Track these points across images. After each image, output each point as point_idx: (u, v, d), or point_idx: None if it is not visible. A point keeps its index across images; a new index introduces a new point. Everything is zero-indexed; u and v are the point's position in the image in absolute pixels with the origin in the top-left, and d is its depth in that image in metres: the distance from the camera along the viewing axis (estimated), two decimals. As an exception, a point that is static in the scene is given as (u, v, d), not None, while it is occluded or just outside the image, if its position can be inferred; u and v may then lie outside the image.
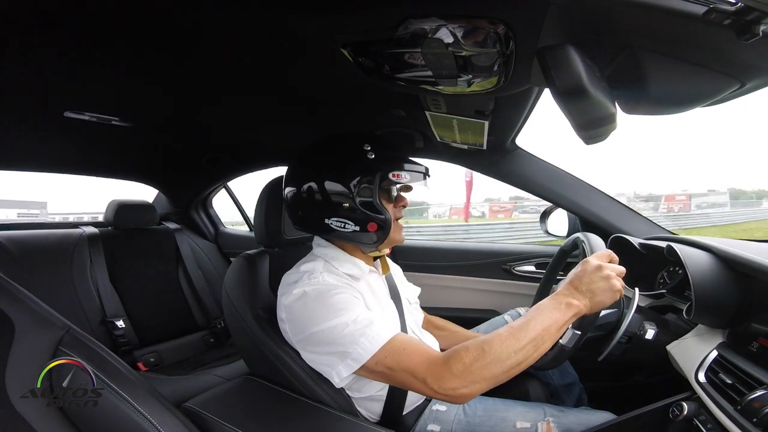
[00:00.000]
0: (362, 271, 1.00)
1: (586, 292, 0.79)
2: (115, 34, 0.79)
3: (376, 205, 0.92)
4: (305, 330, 0.86)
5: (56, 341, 0.71)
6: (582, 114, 0.64)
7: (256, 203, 1.22)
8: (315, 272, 0.93)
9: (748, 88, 0.67)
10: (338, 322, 0.82)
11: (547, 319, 0.76)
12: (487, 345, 0.73)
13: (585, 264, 0.82)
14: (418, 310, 1.24)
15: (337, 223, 0.94)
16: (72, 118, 1.23)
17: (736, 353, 0.82)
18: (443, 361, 0.74)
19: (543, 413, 0.96)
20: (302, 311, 0.87)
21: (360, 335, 0.79)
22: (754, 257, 0.83)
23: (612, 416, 0.95)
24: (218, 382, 1.61)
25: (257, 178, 2.31)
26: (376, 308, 0.96)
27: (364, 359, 0.78)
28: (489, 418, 0.97)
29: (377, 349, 0.78)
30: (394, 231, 0.97)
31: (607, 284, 0.78)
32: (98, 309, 1.84)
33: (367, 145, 0.93)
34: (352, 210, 0.92)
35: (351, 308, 0.84)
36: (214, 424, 0.93)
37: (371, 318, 0.83)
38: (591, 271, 0.80)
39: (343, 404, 0.99)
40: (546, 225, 1.62)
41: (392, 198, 1.00)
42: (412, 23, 0.66)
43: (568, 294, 0.79)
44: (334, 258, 0.99)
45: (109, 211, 2.09)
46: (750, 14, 0.46)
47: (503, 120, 1.18)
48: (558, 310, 0.77)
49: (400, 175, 0.92)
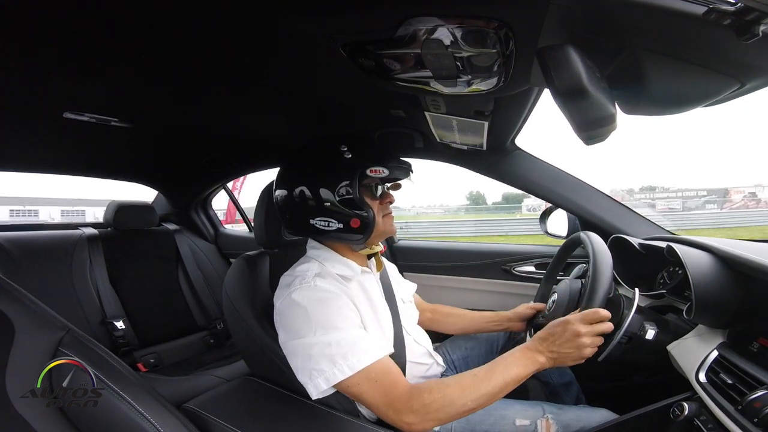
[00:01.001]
0: (354, 272, 1.02)
1: (554, 351, 0.85)
2: (114, 35, 0.79)
3: (357, 202, 0.95)
4: (291, 339, 0.89)
5: (56, 342, 0.71)
6: (582, 114, 0.64)
7: (256, 204, 1.23)
8: (308, 275, 0.95)
9: (748, 88, 0.67)
10: (321, 340, 0.84)
11: (509, 374, 0.83)
12: (448, 390, 0.80)
13: (566, 324, 0.85)
14: (413, 308, 1.25)
15: (322, 223, 0.98)
16: (71, 119, 1.23)
17: (736, 353, 0.82)
18: (407, 397, 0.80)
19: (542, 411, 0.97)
20: (291, 320, 0.89)
21: (341, 357, 0.82)
22: (754, 257, 0.83)
23: (610, 413, 0.96)
24: (218, 382, 1.61)
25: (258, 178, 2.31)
26: (368, 311, 0.98)
27: (338, 380, 0.82)
28: (488, 416, 0.97)
29: (353, 374, 0.81)
30: (384, 224, 1.01)
31: (577, 352, 0.84)
32: (98, 310, 1.84)
33: (344, 146, 0.96)
34: (334, 209, 0.96)
35: (337, 327, 0.86)
36: (214, 425, 0.93)
37: (354, 340, 0.85)
38: (568, 337, 0.84)
39: (344, 403, 0.99)
40: (546, 225, 1.62)
41: (376, 194, 1.02)
42: (411, 23, 0.66)
43: (537, 351, 0.85)
44: (326, 259, 1.02)
45: (109, 212, 2.09)
46: (750, 14, 0.46)
47: (503, 120, 1.18)
48: (523, 367, 0.84)
49: (377, 170, 0.94)
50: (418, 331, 1.18)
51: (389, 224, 1.03)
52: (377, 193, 1.03)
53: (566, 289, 1.06)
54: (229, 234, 2.63)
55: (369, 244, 1.05)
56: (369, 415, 1.01)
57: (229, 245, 2.59)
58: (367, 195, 1.00)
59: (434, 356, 1.17)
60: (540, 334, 0.87)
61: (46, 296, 0.89)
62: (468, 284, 1.79)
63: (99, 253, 1.95)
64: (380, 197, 1.03)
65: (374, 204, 1.00)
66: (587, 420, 0.93)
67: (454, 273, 1.80)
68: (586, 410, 0.98)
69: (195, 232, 2.54)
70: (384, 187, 1.06)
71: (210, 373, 1.70)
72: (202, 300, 2.24)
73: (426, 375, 1.10)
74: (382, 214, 1.02)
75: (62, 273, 1.81)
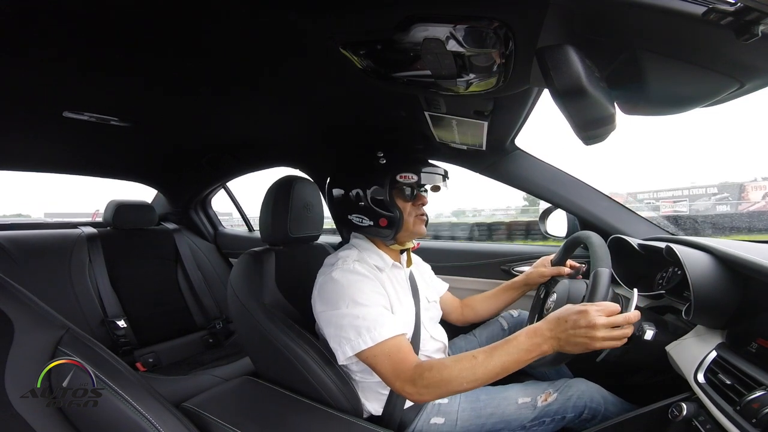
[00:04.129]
0: (386, 264, 1.14)
1: (563, 337, 0.82)
2: (113, 33, 0.79)
3: (386, 204, 1.08)
4: (327, 310, 1.01)
5: (56, 341, 0.71)
6: (581, 114, 0.64)
7: (261, 202, 1.24)
8: (348, 259, 1.07)
9: (747, 88, 0.66)
10: (351, 312, 0.97)
11: (509, 359, 0.83)
12: (446, 371, 0.86)
13: (584, 314, 0.81)
14: (437, 308, 1.32)
15: (357, 219, 1.14)
16: (71, 118, 1.23)
17: (735, 354, 0.82)
18: (411, 372, 0.90)
19: (542, 388, 1.06)
20: (329, 294, 1.02)
21: (365, 330, 0.94)
22: (753, 258, 0.83)
23: (603, 390, 1.05)
24: (217, 382, 1.61)
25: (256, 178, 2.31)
26: (395, 300, 1.09)
27: (361, 349, 0.94)
28: (492, 399, 1.05)
29: (373, 344, 0.93)
30: (414, 225, 1.13)
31: (587, 343, 0.80)
32: (97, 309, 1.84)
33: (380, 152, 1.10)
34: (367, 208, 1.11)
35: (366, 304, 0.98)
36: (213, 424, 0.94)
37: (376, 317, 0.96)
38: (583, 325, 0.80)
39: (347, 393, 1.04)
40: (545, 226, 1.62)
41: (407, 197, 1.12)
42: (411, 23, 0.66)
43: (543, 337, 0.83)
44: (364, 249, 1.15)
45: (108, 212, 2.09)
46: (749, 14, 0.46)
47: (502, 121, 1.18)
48: (525, 352, 0.83)
49: (407, 176, 1.08)
50: (436, 329, 1.25)
51: (418, 225, 1.14)
52: (410, 196, 1.13)
53: (566, 289, 1.06)
54: (228, 234, 2.63)
55: (399, 241, 1.17)
56: (371, 407, 1.08)
57: (228, 245, 2.59)
58: (399, 197, 1.12)
59: (447, 354, 1.25)
60: (555, 314, 0.85)
61: (45, 295, 0.89)
62: (467, 284, 1.79)
63: (98, 253, 1.95)
64: (413, 199, 1.14)
65: (406, 206, 1.12)
66: (586, 391, 1.02)
67: (454, 273, 1.80)
68: (583, 382, 1.07)
69: (194, 232, 2.54)
70: (417, 190, 1.15)
71: (209, 372, 1.71)
72: (202, 300, 2.24)
73: None
74: (413, 216, 1.13)
75: (61, 272, 1.81)
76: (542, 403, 1.02)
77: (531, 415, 1.01)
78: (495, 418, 1.02)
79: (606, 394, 1.04)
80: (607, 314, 0.81)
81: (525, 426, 1.01)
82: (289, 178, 1.29)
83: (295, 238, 1.27)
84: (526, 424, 1.00)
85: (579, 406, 1.01)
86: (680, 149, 43.40)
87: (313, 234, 1.39)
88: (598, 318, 0.80)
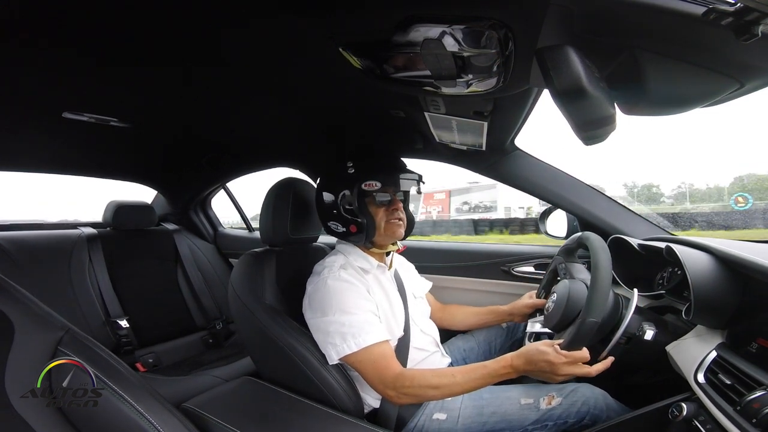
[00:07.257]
0: (371, 266, 1.18)
1: (529, 372, 0.96)
2: (113, 35, 0.79)
3: (356, 211, 1.13)
4: (315, 317, 1.07)
5: (56, 341, 0.71)
6: (581, 115, 0.64)
7: (262, 204, 1.25)
8: (334, 267, 1.12)
9: (747, 88, 0.67)
10: (338, 320, 1.03)
11: (483, 381, 0.98)
12: (425, 384, 0.98)
13: (551, 365, 0.92)
14: (424, 303, 1.38)
15: (333, 225, 1.19)
16: (71, 118, 1.23)
17: (735, 354, 0.82)
18: (393, 378, 0.99)
19: (545, 390, 1.06)
20: (318, 301, 1.07)
21: (350, 336, 1.01)
22: (753, 258, 0.83)
23: (607, 396, 1.03)
24: (217, 382, 1.61)
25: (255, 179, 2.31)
26: (383, 300, 1.14)
27: (345, 353, 1.01)
28: (495, 398, 1.07)
29: (358, 350, 1.00)
30: (386, 230, 1.16)
31: (552, 376, 0.94)
32: (97, 310, 1.83)
33: (350, 162, 1.13)
34: (339, 215, 1.16)
35: (352, 311, 1.03)
36: (214, 425, 0.94)
37: (362, 324, 1.03)
38: (548, 371, 0.93)
39: (349, 391, 1.06)
40: (545, 226, 1.62)
41: (378, 203, 1.15)
42: (411, 24, 0.66)
43: (517, 371, 0.97)
44: (349, 253, 1.19)
45: (108, 212, 2.08)
46: (749, 14, 0.46)
47: (502, 121, 1.18)
48: (498, 377, 0.97)
49: (371, 183, 1.10)
50: (425, 323, 1.29)
51: (390, 230, 1.17)
52: (383, 202, 1.16)
53: (565, 290, 1.06)
54: (228, 234, 2.63)
55: (378, 245, 1.20)
56: (371, 401, 1.11)
57: (228, 245, 2.58)
58: (372, 204, 1.15)
59: (439, 347, 1.28)
60: (528, 355, 0.96)
61: (45, 296, 0.88)
62: (467, 284, 1.78)
63: (98, 253, 1.95)
64: (387, 205, 1.16)
65: (379, 211, 1.15)
66: (591, 397, 1.01)
67: (453, 273, 1.80)
68: (588, 388, 1.05)
69: (194, 232, 2.54)
70: (392, 196, 1.18)
71: (209, 373, 1.70)
72: (201, 300, 2.24)
73: (427, 361, 1.21)
74: (385, 221, 1.16)
75: (61, 273, 1.80)
76: (546, 406, 1.01)
77: (533, 417, 1.00)
78: (497, 417, 1.02)
79: (611, 401, 1.02)
80: (574, 361, 0.92)
81: (526, 428, 1.00)
82: (289, 179, 1.30)
83: (295, 239, 1.27)
84: (527, 427, 1.00)
85: (582, 413, 0.99)
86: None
87: (313, 235, 1.39)
88: (563, 368, 0.92)
